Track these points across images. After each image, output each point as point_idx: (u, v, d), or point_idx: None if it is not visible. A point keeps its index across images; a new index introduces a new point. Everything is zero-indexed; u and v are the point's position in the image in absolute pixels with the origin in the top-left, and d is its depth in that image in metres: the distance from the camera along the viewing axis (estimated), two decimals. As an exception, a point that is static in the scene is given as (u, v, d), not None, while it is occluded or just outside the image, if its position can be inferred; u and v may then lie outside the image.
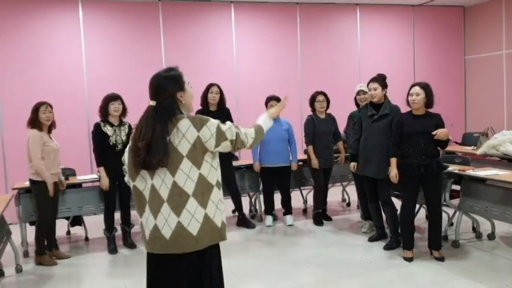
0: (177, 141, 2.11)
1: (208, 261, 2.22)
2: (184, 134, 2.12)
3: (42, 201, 4.62)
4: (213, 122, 2.19)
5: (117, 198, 5.01)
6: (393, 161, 4.31)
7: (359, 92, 5.38)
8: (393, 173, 4.29)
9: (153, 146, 2.08)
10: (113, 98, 4.87)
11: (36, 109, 4.60)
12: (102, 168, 4.81)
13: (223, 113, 5.46)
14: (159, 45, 7.13)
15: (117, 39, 6.96)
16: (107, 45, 6.92)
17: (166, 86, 2.19)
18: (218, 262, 2.31)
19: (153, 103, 2.18)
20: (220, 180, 2.25)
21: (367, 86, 4.76)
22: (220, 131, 2.17)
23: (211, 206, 2.17)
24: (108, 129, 4.82)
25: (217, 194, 2.21)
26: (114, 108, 4.84)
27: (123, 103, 4.90)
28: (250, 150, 5.69)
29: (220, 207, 2.23)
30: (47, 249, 4.74)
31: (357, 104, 5.46)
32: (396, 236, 4.59)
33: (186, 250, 2.13)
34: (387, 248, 4.62)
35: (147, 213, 2.18)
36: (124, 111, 4.93)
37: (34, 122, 4.57)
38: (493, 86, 8.36)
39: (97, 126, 4.83)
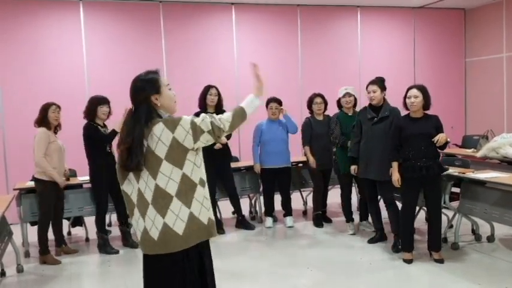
0: (154, 145, 2.15)
1: (198, 259, 2.26)
2: (159, 138, 2.15)
3: (45, 200, 4.68)
4: (186, 119, 2.18)
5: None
6: (394, 164, 4.29)
7: (345, 95, 5.30)
8: (395, 177, 4.27)
9: (132, 150, 2.14)
10: (103, 101, 4.89)
11: (45, 109, 4.70)
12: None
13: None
14: (159, 47, 7.15)
15: (118, 40, 6.97)
16: (108, 46, 6.94)
17: (141, 90, 2.24)
18: (209, 261, 2.34)
19: (132, 107, 2.27)
20: (204, 178, 2.26)
21: (366, 88, 4.76)
22: (195, 126, 2.16)
23: (196, 204, 2.20)
24: (101, 130, 4.87)
25: (201, 192, 2.22)
26: (103, 111, 4.87)
27: (109, 107, 4.95)
28: (252, 151, 5.71)
29: (206, 205, 2.24)
30: (57, 245, 4.87)
31: (340, 107, 5.41)
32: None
33: (173, 249, 2.17)
34: (396, 250, 4.54)
35: (137, 216, 2.24)
36: (109, 115, 4.98)
37: (42, 120, 4.67)
38: (493, 88, 8.37)
39: (94, 128, 4.83)
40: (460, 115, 8.94)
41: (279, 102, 5.67)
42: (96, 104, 4.85)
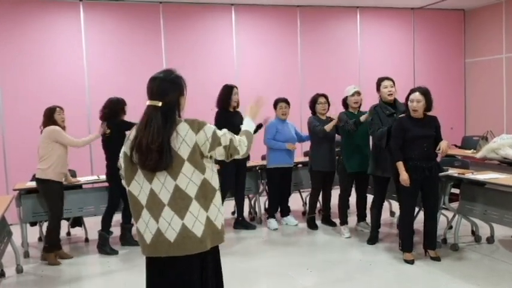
0: (177, 145, 2.12)
1: (211, 263, 2.25)
2: (184, 138, 2.12)
3: (53, 198, 4.68)
4: (210, 127, 2.20)
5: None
6: (401, 165, 4.21)
7: (354, 94, 5.14)
8: (405, 176, 4.16)
9: (164, 149, 2.08)
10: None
11: (51, 112, 4.75)
12: None
13: (238, 113, 5.50)
14: (159, 47, 7.15)
15: (118, 40, 6.97)
16: (108, 46, 6.93)
17: (174, 89, 2.20)
18: (218, 264, 2.35)
19: (157, 103, 2.16)
20: (218, 184, 2.27)
21: (380, 84, 4.72)
22: (216, 136, 2.18)
23: (214, 209, 2.20)
24: None
25: (218, 198, 2.24)
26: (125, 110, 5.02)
27: None
28: (266, 146, 5.67)
29: (221, 211, 2.26)
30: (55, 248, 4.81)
31: (346, 106, 5.23)
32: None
33: (191, 251, 2.14)
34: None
35: (146, 218, 2.17)
36: None
37: (49, 124, 4.70)
38: (493, 89, 8.38)
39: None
40: (459, 116, 8.94)
41: (288, 103, 5.68)
42: (123, 103, 4.96)
